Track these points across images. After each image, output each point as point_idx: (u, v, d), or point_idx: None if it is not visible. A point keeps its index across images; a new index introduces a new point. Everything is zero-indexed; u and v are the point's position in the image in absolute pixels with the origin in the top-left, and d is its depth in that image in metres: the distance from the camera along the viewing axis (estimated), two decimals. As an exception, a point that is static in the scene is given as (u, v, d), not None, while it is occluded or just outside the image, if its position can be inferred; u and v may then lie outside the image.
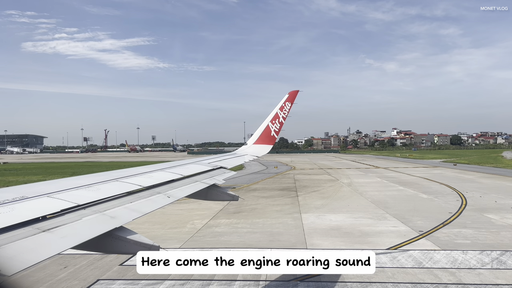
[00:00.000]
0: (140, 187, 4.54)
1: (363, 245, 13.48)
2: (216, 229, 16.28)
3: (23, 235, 2.58)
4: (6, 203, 3.04)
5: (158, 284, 9.73)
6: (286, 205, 22.39)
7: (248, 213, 19.95)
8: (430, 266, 10.99)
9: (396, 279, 9.98)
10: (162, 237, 14.92)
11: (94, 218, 3.26)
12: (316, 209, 20.89)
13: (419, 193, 26.78)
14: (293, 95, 10.72)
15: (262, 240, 14.35)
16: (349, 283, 9.63)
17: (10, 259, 2.25)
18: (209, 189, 5.81)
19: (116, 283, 9.92)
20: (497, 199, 23.34)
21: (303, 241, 14.11)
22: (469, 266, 10.98)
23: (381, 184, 33.24)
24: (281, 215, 19.41)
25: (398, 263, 11.36)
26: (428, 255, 12.03)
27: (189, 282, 9.87)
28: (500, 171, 46.02)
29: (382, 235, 14.85)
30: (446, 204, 21.89)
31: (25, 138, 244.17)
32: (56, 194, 3.58)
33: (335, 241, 14.18)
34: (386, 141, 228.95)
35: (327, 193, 27.72)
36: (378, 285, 9.56)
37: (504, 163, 60.45)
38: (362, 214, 19.33)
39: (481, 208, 20.31)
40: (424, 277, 10.09)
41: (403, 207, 21.11)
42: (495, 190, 27.61)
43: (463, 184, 31.99)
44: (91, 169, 55.12)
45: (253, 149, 10.42)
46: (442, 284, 9.58)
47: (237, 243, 13.93)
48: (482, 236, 14.51)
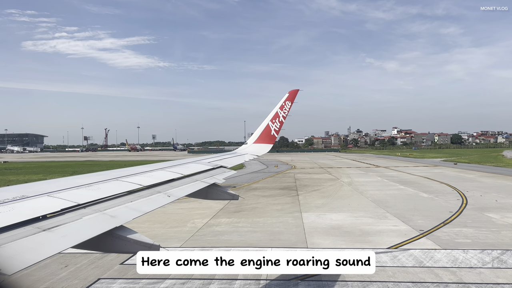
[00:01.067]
0: (140, 186, 4.54)
1: (363, 244, 13.48)
2: (217, 228, 16.28)
3: (24, 234, 2.57)
4: (6, 202, 3.03)
5: (159, 283, 9.74)
6: (287, 204, 22.39)
7: (249, 212, 19.94)
8: (430, 265, 10.98)
9: (396, 278, 9.97)
10: (163, 236, 14.92)
11: (95, 217, 3.25)
12: (316, 208, 20.88)
13: (419, 192, 26.77)
14: (293, 94, 10.70)
15: (262, 239, 14.35)
16: (350, 282, 9.62)
17: (11, 258, 2.25)
18: (209, 188, 5.80)
19: (117, 282, 9.92)
20: (498, 198, 23.33)
21: (304, 240, 14.10)
22: (469, 265, 10.97)
23: (381, 183, 33.23)
24: (282, 214, 19.41)
25: (399, 262, 11.35)
26: (429, 254, 12.02)
27: (190, 281, 9.87)
28: (500, 170, 45.99)
29: (382, 234, 14.84)
30: (446, 203, 21.87)
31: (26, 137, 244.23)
32: (56, 193, 3.58)
33: (335, 240, 14.17)
34: (387, 140, 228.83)
35: (328, 192, 27.72)
36: (379, 284, 9.55)
37: (505, 162, 60.41)
38: (362, 213, 19.32)
39: (482, 207, 20.29)
40: (425, 276, 10.08)
41: (403, 206, 21.10)
42: (495, 189, 27.59)
43: (464, 183, 31.97)
44: (92, 168, 55.14)
45: (253, 148, 10.41)
46: (443, 283, 9.57)
47: (237, 242, 13.92)
48: (483, 235, 14.50)
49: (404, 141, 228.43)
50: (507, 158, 70.56)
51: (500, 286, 9.41)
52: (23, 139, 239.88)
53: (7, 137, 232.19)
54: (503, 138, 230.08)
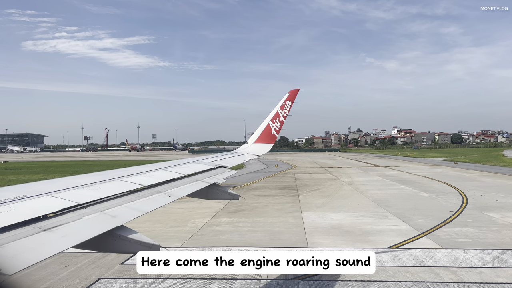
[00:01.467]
0: (140, 186, 4.54)
1: (364, 244, 13.47)
2: (217, 228, 16.29)
3: (24, 234, 2.57)
4: (6, 202, 3.03)
5: (159, 283, 9.74)
6: (287, 204, 22.39)
7: (249, 212, 19.95)
8: (431, 264, 10.98)
9: (397, 277, 9.97)
10: (163, 236, 14.92)
11: (95, 217, 3.25)
12: (317, 208, 20.88)
13: (420, 192, 26.76)
14: (294, 94, 10.70)
15: (263, 239, 14.35)
16: (350, 282, 9.62)
17: (11, 258, 2.25)
18: (209, 188, 5.80)
19: (117, 282, 9.92)
20: (498, 198, 23.31)
21: (304, 240, 14.10)
22: (470, 264, 10.97)
23: (381, 183, 33.22)
24: (282, 214, 19.41)
25: (399, 261, 11.35)
26: (429, 254, 12.02)
27: (190, 280, 9.87)
28: (501, 169, 45.97)
29: (383, 234, 14.84)
30: (447, 203, 21.87)
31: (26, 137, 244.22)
32: (57, 193, 3.58)
33: (336, 239, 14.17)
34: (387, 140, 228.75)
35: (328, 191, 27.71)
36: (380, 283, 9.55)
37: (505, 161, 60.37)
38: (363, 212, 19.32)
39: (482, 207, 20.29)
40: (425, 275, 10.08)
41: (404, 206, 21.10)
42: (496, 189, 27.58)
43: (464, 182, 31.96)
44: (92, 168, 55.17)
45: (253, 148, 10.40)
46: (443, 282, 9.57)
47: (238, 242, 13.93)
48: (483, 234, 14.49)
49: (404, 140, 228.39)
50: (508, 158, 70.50)
51: (500, 286, 9.40)
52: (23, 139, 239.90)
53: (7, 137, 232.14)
54: (503, 138, 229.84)
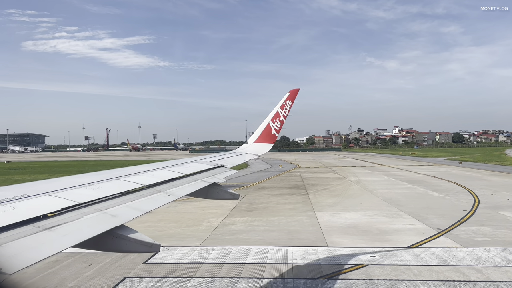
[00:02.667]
0: (141, 185, 4.52)
1: (383, 243, 13.46)
2: (233, 227, 16.28)
3: (25, 234, 2.56)
4: (7, 202, 3.01)
5: (186, 282, 9.73)
6: (298, 203, 22.38)
7: (262, 211, 19.94)
8: (455, 263, 10.98)
9: (423, 276, 9.96)
10: (181, 235, 14.90)
11: (95, 217, 3.24)
12: (329, 207, 20.88)
13: (429, 191, 26.76)
14: (294, 94, 10.66)
15: (281, 238, 14.33)
16: (378, 281, 9.62)
17: (12, 257, 2.23)
18: (209, 187, 5.74)
19: (144, 280, 9.91)
20: (509, 197, 23.32)
21: (323, 239, 14.09)
22: (494, 263, 10.96)
23: (389, 182, 33.23)
24: (295, 213, 19.41)
25: (422, 260, 11.35)
26: (451, 253, 12.01)
27: (217, 279, 9.86)
28: (506, 169, 45.98)
29: (400, 233, 14.83)
30: (458, 202, 21.87)
31: (27, 137, 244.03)
32: (57, 192, 3.57)
33: (354, 239, 14.16)
34: (388, 139, 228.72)
35: (337, 191, 27.71)
36: (407, 282, 9.54)
37: (509, 161, 60.40)
38: (376, 212, 19.31)
39: (495, 206, 20.29)
40: (452, 274, 10.07)
41: (416, 205, 21.09)
42: (505, 188, 27.59)
43: (472, 182, 31.97)
44: (96, 168, 55.11)
45: (254, 147, 10.37)
46: (471, 281, 9.56)
47: (256, 241, 13.91)
48: (501, 233, 14.49)
49: (405, 140, 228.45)
50: (511, 157, 70.58)
51: (528, 284, 9.39)
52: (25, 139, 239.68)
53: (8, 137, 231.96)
54: (504, 137, 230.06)
